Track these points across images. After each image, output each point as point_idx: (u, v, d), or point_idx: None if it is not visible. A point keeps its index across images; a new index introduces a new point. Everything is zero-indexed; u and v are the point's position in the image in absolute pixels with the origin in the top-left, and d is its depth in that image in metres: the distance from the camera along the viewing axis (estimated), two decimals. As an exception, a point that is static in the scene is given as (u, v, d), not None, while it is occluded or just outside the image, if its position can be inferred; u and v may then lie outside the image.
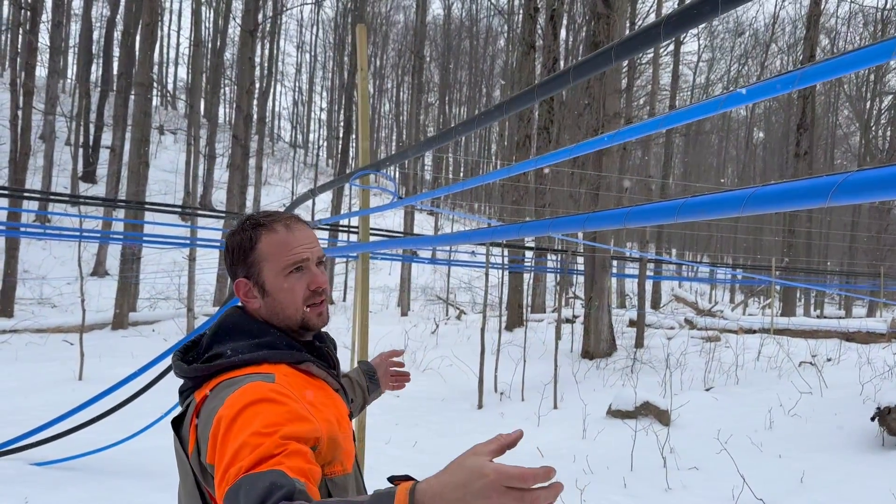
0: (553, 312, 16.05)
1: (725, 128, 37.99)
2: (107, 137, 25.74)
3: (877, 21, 25.33)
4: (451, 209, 29.04)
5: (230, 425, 0.98)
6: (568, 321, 13.13)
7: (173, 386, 1.32)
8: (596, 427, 6.52)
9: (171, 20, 42.72)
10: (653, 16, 20.75)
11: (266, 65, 30.78)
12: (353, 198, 24.33)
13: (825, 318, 19.93)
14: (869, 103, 29.53)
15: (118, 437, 5.09)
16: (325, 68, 44.36)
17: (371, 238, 6.71)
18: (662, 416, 6.70)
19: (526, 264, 16.32)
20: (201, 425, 1.06)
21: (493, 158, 37.61)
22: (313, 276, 1.23)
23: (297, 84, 47.30)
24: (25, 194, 13.93)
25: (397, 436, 6.27)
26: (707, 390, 8.07)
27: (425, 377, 9.25)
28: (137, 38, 18.44)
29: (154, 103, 35.51)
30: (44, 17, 20.46)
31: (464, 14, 39.09)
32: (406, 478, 0.84)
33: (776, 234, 27.96)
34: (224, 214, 16.03)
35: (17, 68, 17.45)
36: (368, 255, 4.05)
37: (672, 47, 21.27)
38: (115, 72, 25.06)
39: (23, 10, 18.22)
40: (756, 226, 32.15)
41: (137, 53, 16.52)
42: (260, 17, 21.18)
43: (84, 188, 23.21)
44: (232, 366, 1.12)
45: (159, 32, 34.36)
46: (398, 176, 36.46)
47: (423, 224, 33.75)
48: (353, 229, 13.81)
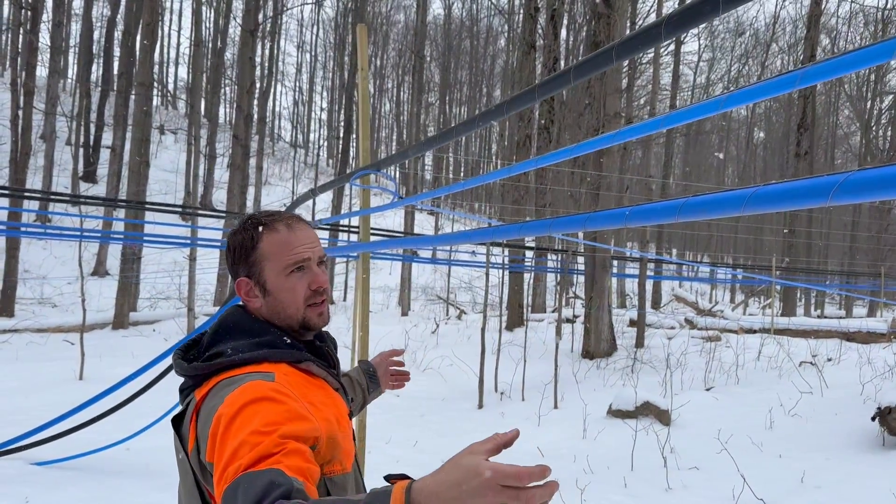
0: (553, 312, 16.05)
1: (726, 128, 37.97)
2: (107, 137, 25.75)
3: (877, 21, 25.33)
4: (451, 209, 29.05)
5: (230, 424, 0.99)
6: (568, 321, 13.13)
7: (173, 386, 1.32)
8: (596, 427, 6.52)
9: (171, 20, 42.75)
10: (653, 15, 20.73)
11: (266, 64, 30.79)
12: (353, 198, 24.34)
13: (825, 318, 19.93)
14: (869, 103, 29.54)
15: (118, 436, 5.09)
16: (325, 68, 44.39)
17: (371, 238, 6.71)
18: (663, 416, 6.70)
19: (526, 264, 16.31)
20: (201, 423, 1.06)
21: (494, 158, 37.60)
22: (314, 276, 1.23)
23: (298, 84, 47.33)
24: (26, 194, 13.95)
25: (397, 435, 6.27)
26: (707, 390, 8.07)
27: (426, 377, 9.24)
28: (138, 37, 18.45)
29: (154, 103, 35.53)
30: (44, 17, 20.47)
31: (464, 14, 39.09)
32: (402, 476, 0.84)
33: (776, 234, 27.97)
34: (224, 214, 16.04)
35: (18, 68, 17.47)
36: (369, 254, 4.05)
37: (673, 47, 21.26)
38: (115, 71, 25.05)
39: (23, 10, 18.23)
40: (756, 226, 32.14)
41: (138, 53, 16.53)
42: (260, 16, 21.19)
43: (84, 188, 23.21)
44: (232, 364, 1.12)
45: (160, 32, 34.44)
46: (398, 176, 36.44)
47: (424, 224, 33.76)
48: (353, 229, 13.81)
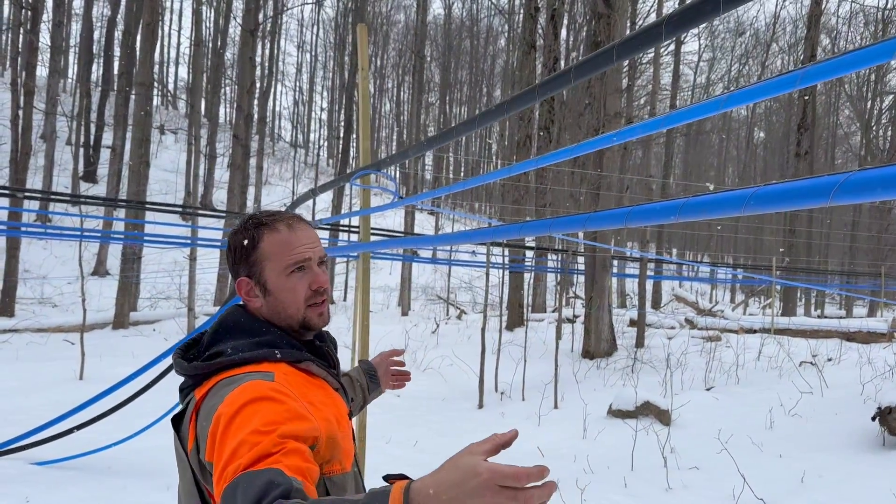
0: (553, 312, 16.05)
1: (726, 128, 37.97)
2: (107, 137, 25.75)
3: (878, 21, 25.32)
4: (451, 209, 29.05)
5: (229, 423, 0.98)
6: (568, 321, 13.13)
7: (174, 385, 1.32)
8: (596, 427, 6.52)
9: (171, 20, 42.74)
10: (653, 15, 20.72)
11: (267, 64, 30.81)
12: (353, 197, 24.35)
13: (826, 317, 19.93)
14: (870, 103, 29.53)
15: (118, 436, 5.09)
16: (325, 68, 44.40)
17: (372, 238, 6.71)
18: (663, 416, 6.70)
19: (526, 264, 16.31)
20: (201, 423, 1.06)
21: (494, 158, 37.60)
22: (315, 276, 1.23)
23: (298, 84, 47.33)
24: (26, 194, 13.94)
25: (398, 435, 6.27)
26: (707, 390, 8.07)
27: (426, 377, 9.24)
28: (138, 37, 18.44)
29: (155, 103, 35.50)
30: (45, 17, 20.46)
31: (464, 14, 39.09)
32: (401, 476, 0.84)
33: (777, 234, 27.96)
34: (225, 214, 16.04)
35: (18, 68, 17.47)
36: (369, 254, 4.05)
37: (673, 47, 21.26)
38: (115, 71, 25.06)
39: (24, 10, 18.23)
40: (757, 225, 32.13)
41: (138, 53, 16.52)
42: (260, 16, 21.19)
43: (85, 188, 23.20)
44: (232, 364, 1.12)
45: (160, 32, 34.43)
46: (399, 176, 36.44)
47: (424, 224, 33.75)
48: (353, 229, 13.80)
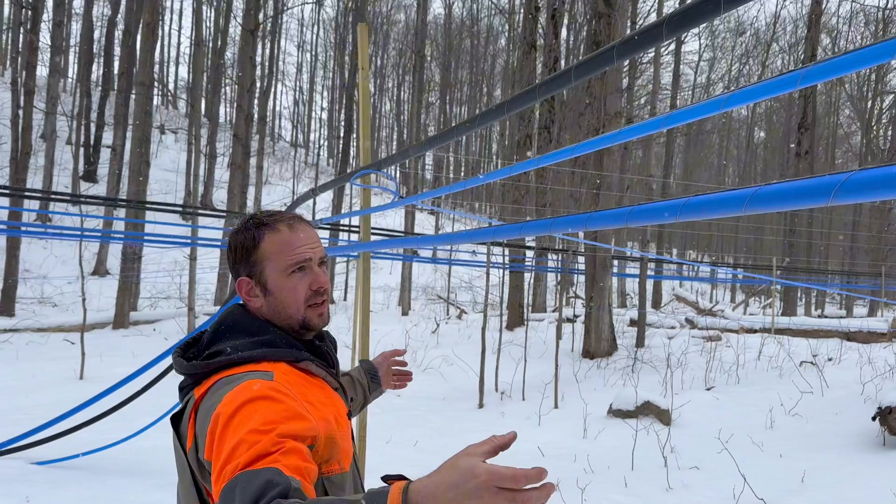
0: (554, 312, 16.05)
1: (727, 127, 37.95)
2: (108, 137, 25.74)
3: (878, 20, 25.32)
4: (451, 209, 29.05)
5: (228, 422, 0.98)
6: (568, 321, 13.13)
7: (173, 385, 1.32)
8: (597, 426, 6.52)
9: (171, 19, 42.73)
10: (654, 15, 20.72)
11: (267, 64, 30.80)
12: (353, 197, 24.35)
13: (826, 317, 19.90)
14: (870, 103, 29.52)
15: (118, 436, 5.09)
16: (325, 67, 44.37)
17: (372, 237, 6.71)
18: (663, 416, 6.70)
19: (526, 264, 16.31)
20: (199, 422, 1.06)
21: (494, 158, 37.60)
22: (315, 276, 1.23)
23: (298, 83, 47.31)
24: (26, 194, 13.94)
25: (398, 435, 6.27)
26: (708, 390, 8.07)
27: (426, 376, 9.25)
28: (138, 37, 18.42)
29: (155, 103, 35.47)
30: (45, 17, 20.46)
31: (465, 13, 39.05)
32: (400, 477, 0.84)
33: (777, 234, 27.95)
34: (225, 214, 16.04)
35: (18, 67, 17.50)
36: (369, 254, 4.05)
37: (673, 47, 21.24)
38: (116, 71, 25.02)
39: (24, 10, 18.24)
40: (757, 225, 32.13)
41: (138, 53, 16.51)
42: (261, 16, 21.18)
43: (85, 187, 23.20)
44: (231, 363, 1.12)
45: (160, 32, 34.45)
46: (399, 175, 36.41)
47: (424, 223, 33.73)
48: (354, 229, 13.80)
